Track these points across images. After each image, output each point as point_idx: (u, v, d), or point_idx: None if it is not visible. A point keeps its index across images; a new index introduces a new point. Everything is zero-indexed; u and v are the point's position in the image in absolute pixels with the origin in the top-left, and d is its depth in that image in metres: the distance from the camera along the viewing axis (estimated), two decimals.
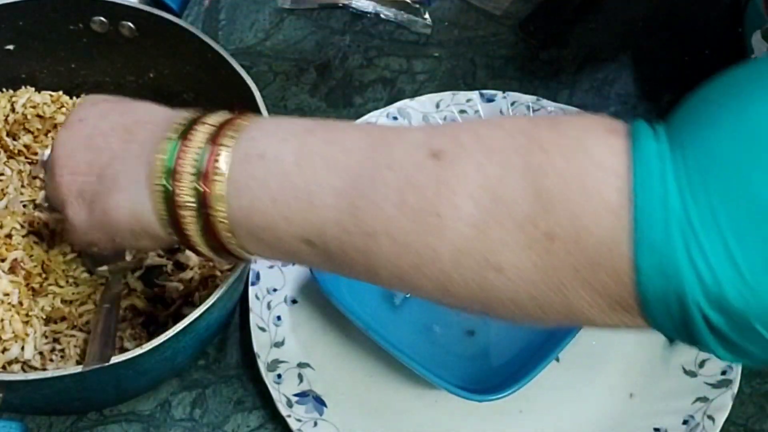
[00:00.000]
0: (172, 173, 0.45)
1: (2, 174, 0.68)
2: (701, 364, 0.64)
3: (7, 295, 0.62)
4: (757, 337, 0.36)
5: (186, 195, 0.45)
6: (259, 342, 0.64)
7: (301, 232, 0.44)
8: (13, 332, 0.61)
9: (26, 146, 0.69)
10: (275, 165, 0.44)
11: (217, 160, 0.44)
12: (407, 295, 0.66)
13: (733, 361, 0.40)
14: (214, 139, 0.45)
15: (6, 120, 0.69)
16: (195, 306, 0.58)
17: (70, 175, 0.50)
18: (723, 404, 0.63)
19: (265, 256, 0.48)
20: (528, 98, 0.77)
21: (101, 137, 0.50)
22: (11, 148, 0.69)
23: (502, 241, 0.39)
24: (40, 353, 0.61)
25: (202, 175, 0.44)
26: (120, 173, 0.48)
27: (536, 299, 0.40)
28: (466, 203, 0.39)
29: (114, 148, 0.49)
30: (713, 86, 0.40)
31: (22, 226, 0.66)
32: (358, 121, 0.73)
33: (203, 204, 0.45)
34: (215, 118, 0.46)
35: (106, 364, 0.52)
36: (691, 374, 0.64)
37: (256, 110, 0.61)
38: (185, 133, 0.46)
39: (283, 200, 0.44)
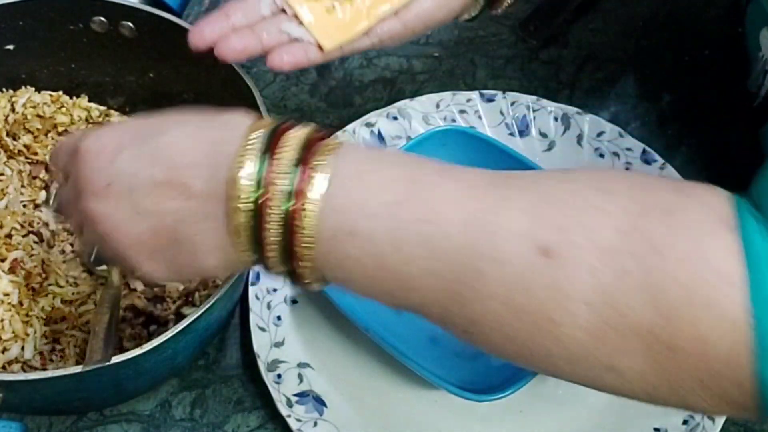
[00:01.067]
0: (259, 197, 0.41)
1: (2, 174, 0.68)
2: None
3: (7, 295, 0.62)
4: None
5: (274, 221, 0.41)
6: (259, 342, 0.64)
7: (401, 305, 0.43)
8: (13, 332, 0.61)
9: (26, 146, 0.69)
10: (369, 245, 0.41)
11: (309, 190, 0.41)
12: None
13: None
14: (304, 161, 0.41)
15: (6, 120, 0.69)
16: (195, 306, 0.58)
17: (135, 244, 0.45)
18: None
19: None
20: (528, 98, 0.77)
21: (151, 203, 0.43)
22: (11, 148, 0.69)
23: (620, 348, 0.39)
24: (40, 353, 0.61)
25: (294, 199, 0.41)
26: (199, 236, 0.44)
27: (652, 395, 0.40)
28: (581, 309, 0.38)
29: (173, 210, 0.43)
30: None
31: (22, 226, 0.66)
32: (359, 121, 0.73)
33: (290, 230, 0.41)
34: (298, 137, 0.42)
35: (106, 364, 0.52)
36: None
37: (256, 110, 0.61)
38: (268, 150, 0.42)
39: (381, 279, 0.42)
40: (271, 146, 0.42)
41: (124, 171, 0.44)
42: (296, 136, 0.42)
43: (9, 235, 0.65)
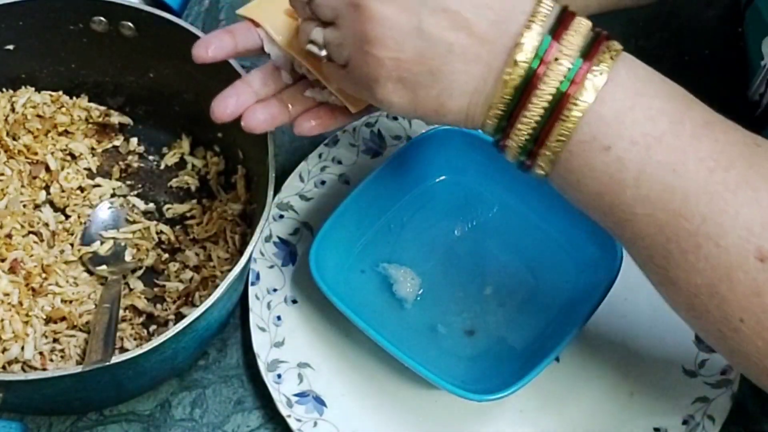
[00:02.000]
0: (532, 75, 0.43)
1: (2, 174, 0.68)
2: (701, 364, 0.64)
3: (7, 295, 0.62)
4: None
5: (542, 97, 0.43)
6: (259, 342, 0.64)
7: (608, 227, 0.45)
8: (13, 332, 0.61)
9: (26, 146, 0.69)
10: (616, 167, 0.43)
11: (586, 86, 0.43)
12: (417, 298, 0.66)
13: None
14: (589, 55, 0.43)
15: (6, 120, 0.69)
16: (195, 306, 0.58)
17: (394, 61, 0.45)
18: (723, 404, 0.63)
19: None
20: None
21: (434, 25, 0.44)
22: (11, 148, 0.69)
23: None
24: (40, 353, 0.61)
25: (564, 94, 0.43)
26: (459, 75, 0.45)
27: None
28: None
29: (449, 41, 0.44)
30: None
31: (22, 226, 0.66)
32: (360, 120, 0.73)
33: (553, 113, 0.43)
34: (583, 29, 0.44)
35: (106, 364, 0.52)
36: (691, 374, 0.64)
37: None
38: (559, 24, 0.43)
39: (608, 201, 0.44)
40: (561, 21, 0.44)
41: None
42: (586, 24, 0.44)
43: (9, 235, 0.65)
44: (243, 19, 0.56)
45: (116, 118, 0.73)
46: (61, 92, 0.71)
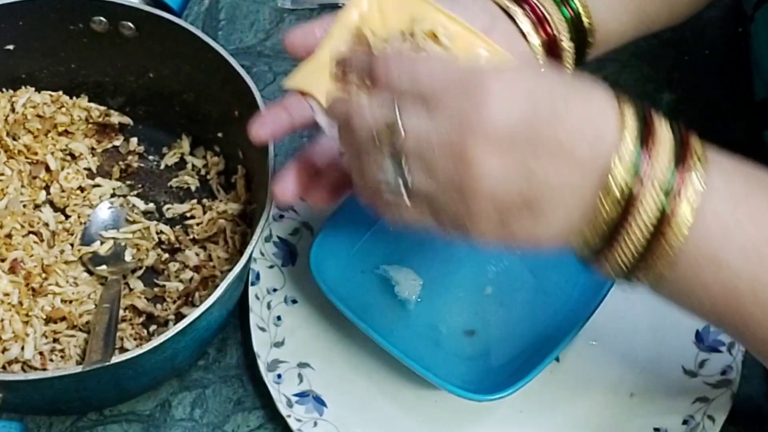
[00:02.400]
0: (629, 194, 0.41)
1: (2, 174, 0.68)
2: (701, 364, 0.64)
3: (7, 295, 0.62)
4: None
5: (641, 220, 0.41)
6: (259, 342, 0.64)
7: (723, 330, 0.45)
8: (13, 332, 0.61)
9: (26, 146, 0.69)
10: (728, 278, 0.41)
11: (683, 201, 0.40)
12: (418, 299, 0.66)
13: None
14: (679, 166, 0.41)
15: (6, 120, 0.69)
16: (195, 306, 0.58)
17: (494, 202, 0.42)
18: (723, 404, 0.63)
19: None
20: None
21: (540, 168, 0.41)
22: (11, 148, 0.69)
23: None
24: (40, 353, 0.61)
25: (664, 212, 0.41)
26: (558, 208, 0.42)
27: None
28: None
29: (551, 174, 0.41)
30: None
31: (22, 226, 0.66)
32: None
33: (654, 234, 0.41)
34: (667, 135, 0.42)
35: (106, 364, 0.52)
36: (691, 374, 0.64)
37: (256, 111, 0.61)
38: (643, 142, 0.41)
39: (721, 312, 0.43)
40: (646, 126, 0.41)
41: (533, 126, 0.41)
42: (667, 126, 0.42)
43: (9, 235, 0.65)
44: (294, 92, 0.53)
45: (116, 118, 0.73)
46: (61, 92, 0.71)
